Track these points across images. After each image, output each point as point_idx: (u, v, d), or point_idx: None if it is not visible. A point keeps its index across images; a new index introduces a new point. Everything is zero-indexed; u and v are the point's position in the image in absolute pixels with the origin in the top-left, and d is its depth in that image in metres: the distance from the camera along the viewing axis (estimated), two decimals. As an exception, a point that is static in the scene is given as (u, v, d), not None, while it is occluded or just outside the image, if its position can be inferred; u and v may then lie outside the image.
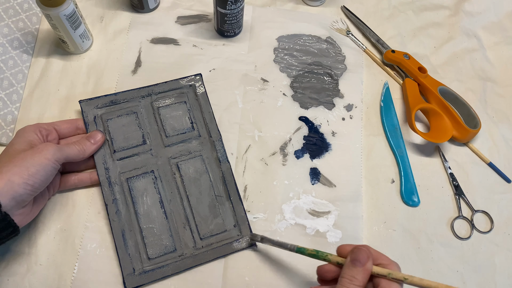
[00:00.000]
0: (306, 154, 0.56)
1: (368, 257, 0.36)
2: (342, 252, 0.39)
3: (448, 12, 0.68)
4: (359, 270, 0.36)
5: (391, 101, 0.60)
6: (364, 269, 0.36)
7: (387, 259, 0.37)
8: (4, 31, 0.58)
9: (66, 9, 0.51)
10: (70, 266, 0.48)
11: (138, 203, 0.50)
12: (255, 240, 0.49)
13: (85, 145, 0.49)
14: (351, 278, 0.36)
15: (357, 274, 0.36)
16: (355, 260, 0.36)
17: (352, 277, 0.36)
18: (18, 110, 0.55)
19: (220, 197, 0.51)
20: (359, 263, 0.36)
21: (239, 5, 0.56)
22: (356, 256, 0.36)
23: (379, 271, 0.36)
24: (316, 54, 0.62)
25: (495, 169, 0.57)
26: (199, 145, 0.54)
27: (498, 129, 0.60)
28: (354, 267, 0.36)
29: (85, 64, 0.58)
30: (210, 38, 0.62)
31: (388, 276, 0.36)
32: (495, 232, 0.53)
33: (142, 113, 0.54)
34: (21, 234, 0.48)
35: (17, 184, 0.40)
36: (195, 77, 0.57)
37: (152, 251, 0.48)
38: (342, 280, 0.36)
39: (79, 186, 0.51)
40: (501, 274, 0.51)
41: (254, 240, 0.49)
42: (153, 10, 0.63)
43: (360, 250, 0.37)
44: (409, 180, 0.55)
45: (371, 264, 0.36)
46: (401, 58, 0.61)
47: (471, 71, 0.63)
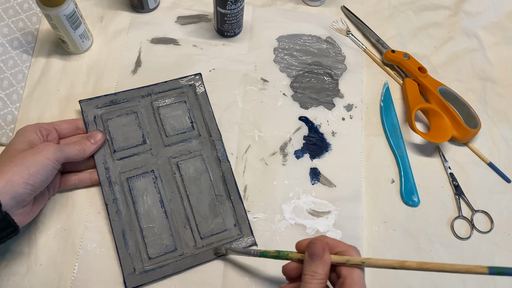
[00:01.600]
0: (306, 154, 0.56)
1: (324, 249, 0.37)
2: (300, 248, 0.39)
3: (448, 12, 0.68)
4: (318, 264, 0.36)
5: (391, 101, 0.60)
6: (323, 261, 0.36)
7: (344, 246, 0.38)
8: (4, 31, 0.58)
9: (66, 9, 0.51)
10: (70, 266, 0.47)
11: (138, 203, 0.50)
12: (220, 253, 0.48)
13: (85, 145, 0.49)
14: (312, 273, 0.36)
15: (317, 268, 0.36)
16: (312, 255, 0.37)
17: (313, 272, 0.36)
18: (18, 110, 0.55)
19: (220, 196, 0.51)
20: (317, 256, 0.36)
21: (239, 5, 0.56)
22: (313, 250, 0.37)
23: (337, 259, 0.37)
24: (316, 54, 0.62)
25: (495, 169, 0.57)
26: (199, 145, 0.54)
27: (498, 129, 0.60)
28: (313, 262, 0.36)
29: (85, 64, 0.59)
30: (210, 38, 0.62)
31: (347, 263, 0.36)
32: (495, 232, 0.53)
33: (142, 113, 0.54)
34: (21, 234, 0.48)
35: (17, 183, 0.40)
36: (195, 77, 0.57)
37: (153, 251, 0.48)
38: (304, 278, 0.37)
39: (79, 186, 0.51)
40: (501, 274, 0.51)
41: (218, 253, 0.48)
42: (153, 10, 0.63)
43: (315, 244, 0.37)
44: (409, 180, 0.55)
45: (328, 255, 0.37)
46: (401, 58, 0.61)
47: (471, 71, 0.63)
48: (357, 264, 0.36)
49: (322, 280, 0.36)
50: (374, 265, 0.35)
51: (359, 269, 0.36)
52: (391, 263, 0.35)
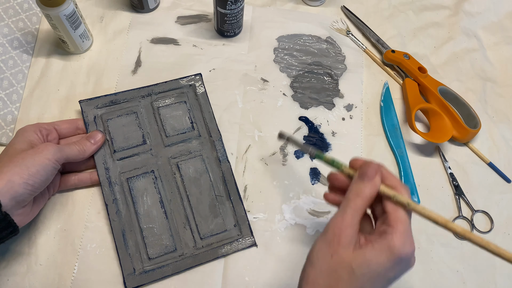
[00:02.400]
0: (306, 154, 0.56)
1: (376, 172, 0.36)
2: (354, 165, 0.39)
3: (448, 12, 0.68)
4: (366, 185, 0.35)
5: (391, 101, 0.60)
6: (372, 184, 0.35)
7: (397, 181, 0.37)
8: (4, 31, 0.58)
9: (66, 9, 0.51)
10: (70, 266, 0.47)
11: (138, 203, 0.50)
12: (283, 138, 0.47)
13: (85, 145, 0.49)
14: (357, 191, 0.36)
15: (364, 188, 0.35)
16: (363, 174, 0.36)
17: (359, 190, 0.35)
18: (18, 110, 0.55)
19: (220, 196, 0.51)
20: (367, 177, 0.36)
21: (239, 5, 0.56)
22: (365, 170, 0.36)
23: (385, 190, 0.36)
24: (316, 54, 0.62)
25: (495, 169, 0.57)
26: (199, 145, 0.54)
27: (498, 129, 0.60)
28: (361, 181, 0.36)
29: (85, 64, 0.58)
30: (210, 38, 0.62)
31: (393, 198, 0.35)
32: (495, 232, 0.53)
33: (142, 113, 0.54)
34: (21, 234, 0.48)
35: (17, 184, 0.40)
36: (195, 77, 0.57)
37: (153, 251, 0.48)
38: (348, 195, 0.36)
39: (79, 186, 0.51)
40: (501, 274, 0.51)
41: (282, 138, 0.47)
42: (153, 10, 0.63)
43: (370, 165, 0.36)
44: (409, 180, 0.55)
45: (379, 180, 0.36)
46: (401, 58, 0.61)
47: (471, 71, 0.63)
48: (401, 203, 0.35)
49: (365, 202, 0.35)
50: (418, 211, 0.35)
51: (405, 213, 0.35)
52: (436, 218, 0.34)
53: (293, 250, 0.50)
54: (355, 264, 0.33)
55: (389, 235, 0.34)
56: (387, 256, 0.33)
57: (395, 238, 0.33)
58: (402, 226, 0.34)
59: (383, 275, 0.34)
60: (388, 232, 0.34)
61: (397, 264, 0.34)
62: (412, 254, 0.35)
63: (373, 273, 0.33)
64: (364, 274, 0.33)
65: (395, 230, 0.34)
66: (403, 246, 0.33)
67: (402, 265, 0.34)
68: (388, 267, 0.33)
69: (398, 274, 0.35)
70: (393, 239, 0.33)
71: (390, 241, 0.33)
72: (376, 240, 0.34)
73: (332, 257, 0.34)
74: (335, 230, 0.35)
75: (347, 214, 0.35)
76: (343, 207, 0.36)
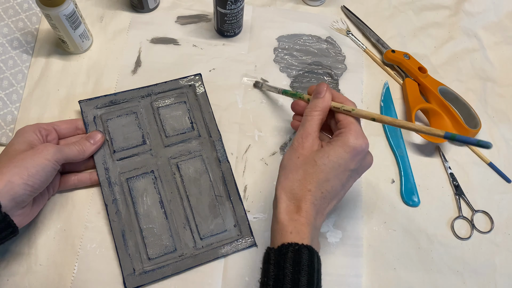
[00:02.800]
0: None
1: (326, 89, 0.43)
2: (311, 91, 0.47)
3: (448, 12, 0.68)
4: (319, 100, 0.43)
5: (391, 101, 0.60)
6: (323, 99, 0.43)
7: (344, 98, 0.44)
8: (4, 31, 0.58)
9: (66, 9, 0.51)
10: (70, 266, 0.47)
11: (138, 203, 0.50)
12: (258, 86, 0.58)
13: (84, 145, 0.49)
14: (313, 106, 0.43)
15: (317, 102, 0.43)
16: (316, 93, 0.44)
17: (314, 105, 0.43)
18: (18, 110, 0.55)
19: (220, 197, 0.51)
20: (319, 94, 0.43)
21: (239, 5, 0.56)
22: (317, 89, 0.44)
23: (334, 104, 0.43)
24: (316, 54, 0.62)
25: (495, 169, 0.57)
26: (199, 145, 0.54)
27: (498, 129, 0.60)
28: (316, 99, 0.43)
29: (85, 64, 0.58)
30: (210, 38, 0.62)
31: (341, 108, 0.43)
32: (495, 232, 0.53)
33: (142, 113, 0.54)
34: (21, 234, 0.48)
35: (17, 184, 0.40)
36: (194, 77, 0.57)
37: (152, 251, 0.48)
38: (305, 112, 0.44)
39: (79, 186, 0.51)
40: (501, 274, 0.51)
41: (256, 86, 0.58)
42: (153, 10, 0.63)
43: (320, 85, 0.44)
44: (409, 180, 0.55)
45: (329, 95, 0.43)
46: (401, 58, 0.61)
47: (471, 71, 0.63)
48: (347, 110, 0.42)
49: (319, 113, 0.43)
50: (359, 114, 0.42)
51: (355, 120, 0.42)
52: (371, 115, 0.41)
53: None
54: (316, 157, 0.40)
55: (343, 134, 0.41)
56: (343, 149, 0.40)
57: (349, 134, 0.40)
58: (353, 126, 0.41)
59: (344, 165, 0.40)
60: (343, 132, 0.41)
61: (354, 156, 0.40)
62: (366, 147, 0.41)
63: (333, 163, 0.39)
64: (325, 164, 0.39)
65: (348, 129, 0.41)
66: (356, 139, 0.40)
67: (359, 157, 0.40)
68: (346, 158, 0.40)
69: (357, 166, 0.41)
70: (347, 135, 0.40)
71: (345, 137, 0.40)
72: (333, 139, 0.41)
73: (299, 158, 0.41)
74: (298, 139, 0.42)
75: (307, 125, 0.42)
76: (302, 123, 0.43)
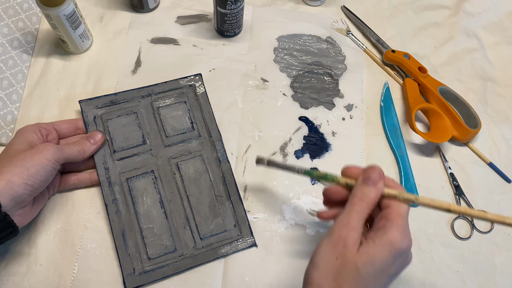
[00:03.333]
0: (306, 154, 0.56)
1: (380, 177, 0.37)
2: (348, 173, 0.39)
3: (448, 12, 0.68)
4: (371, 189, 0.36)
5: (391, 101, 0.60)
6: (376, 188, 0.36)
7: (395, 183, 0.38)
8: (4, 31, 0.58)
9: (66, 9, 0.51)
10: (70, 266, 0.47)
11: (138, 203, 0.50)
12: (261, 163, 0.46)
13: (85, 145, 0.49)
14: (362, 195, 0.36)
15: (369, 192, 0.36)
16: (367, 179, 0.37)
17: (363, 195, 0.36)
18: (18, 110, 0.55)
19: (220, 197, 0.51)
20: (371, 181, 0.36)
21: (239, 5, 0.56)
22: (369, 175, 0.37)
23: (389, 192, 0.37)
24: (316, 54, 0.62)
25: (495, 169, 0.57)
26: (199, 145, 0.54)
27: (498, 129, 0.60)
28: (366, 186, 0.36)
29: (85, 64, 0.58)
30: (210, 38, 0.62)
31: (399, 196, 0.36)
32: (495, 232, 0.53)
33: (142, 113, 0.54)
34: (21, 234, 0.48)
35: (17, 184, 0.40)
36: (195, 77, 0.57)
37: (152, 251, 0.48)
38: (353, 199, 0.36)
39: (79, 186, 0.51)
40: (501, 274, 0.51)
41: (260, 163, 0.46)
42: (153, 10, 0.63)
43: (374, 169, 0.37)
44: (409, 180, 0.55)
45: (382, 184, 0.37)
46: (401, 58, 0.61)
47: (471, 71, 0.63)
48: (409, 199, 0.36)
49: (369, 205, 0.36)
50: (428, 204, 0.36)
51: (406, 206, 0.36)
52: (447, 205, 0.36)
53: (293, 250, 0.50)
54: (360, 263, 0.33)
55: (388, 229, 0.34)
56: (388, 250, 0.34)
57: (395, 231, 0.34)
58: (401, 221, 0.35)
59: (386, 270, 0.34)
60: (387, 226, 0.35)
61: (397, 258, 0.34)
62: (410, 248, 0.35)
63: (376, 270, 0.34)
64: (368, 272, 0.33)
65: (395, 224, 0.35)
66: (403, 239, 0.34)
67: (401, 259, 0.35)
68: (389, 261, 0.34)
69: (398, 269, 0.35)
70: (393, 233, 0.34)
71: (390, 234, 0.34)
72: (377, 235, 0.34)
73: (337, 259, 0.34)
74: (341, 233, 0.35)
75: (353, 217, 0.35)
76: (348, 211, 0.36)
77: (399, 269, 0.36)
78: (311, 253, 0.49)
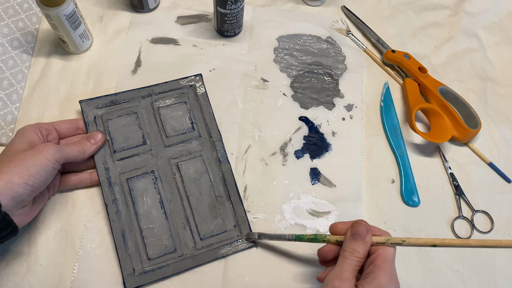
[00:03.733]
0: (306, 154, 0.56)
1: (367, 231, 0.39)
2: (335, 230, 0.42)
3: (448, 12, 0.68)
4: (360, 243, 0.38)
5: (391, 101, 0.60)
6: (364, 242, 0.38)
7: (379, 230, 0.40)
8: (4, 31, 0.58)
9: (66, 9, 0.51)
10: (70, 266, 0.47)
11: (138, 203, 0.50)
12: (252, 238, 0.49)
13: (85, 145, 0.49)
14: (352, 251, 0.38)
15: (358, 247, 0.38)
16: (355, 234, 0.38)
17: (353, 250, 0.38)
18: (18, 110, 0.55)
19: (220, 197, 0.51)
20: (359, 236, 0.38)
21: (239, 5, 0.56)
22: (356, 230, 0.39)
23: (378, 240, 0.39)
24: (316, 54, 0.62)
25: (495, 169, 0.57)
26: (199, 145, 0.54)
27: (498, 129, 0.60)
28: (354, 241, 0.38)
29: (85, 64, 0.58)
30: (210, 38, 0.62)
31: (387, 242, 0.38)
32: (495, 232, 0.53)
33: (142, 113, 0.54)
34: (21, 234, 0.48)
35: (17, 184, 0.40)
36: (195, 78, 0.57)
37: (152, 252, 0.48)
38: (343, 253, 0.38)
39: (79, 186, 0.51)
40: (501, 274, 0.51)
41: (251, 238, 0.49)
42: (153, 10, 0.63)
43: (360, 225, 0.39)
44: (409, 180, 0.55)
45: (370, 237, 0.39)
46: (401, 58, 0.61)
47: (471, 71, 0.63)
48: (397, 243, 0.38)
49: (360, 259, 0.38)
50: (414, 244, 0.37)
51: (393, 249, 0.38)
52: (431, 241, 0.37)
53: (293, 251, 0.50)
54: None
55: (376, 275, 0.36)
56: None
57: (383, 276, 0.36)
58: (387, 265, 0.37)
59: None
60: (375, 271, 0.37)
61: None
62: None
63: None
64: None
65: (381, 270, 0.37)
66: (390, 283, 0.36)
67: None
68: None
69: None
70: (380, 278, 0.36)
71: (378, 280, 0.36)
72: (366, 282, 0.36)
73: None
74: (335, 284, 0.37)
75: (345, 269, 0.37)
76: (340, 264, 0.38)
77: None
78: (311, 253, 0.49)
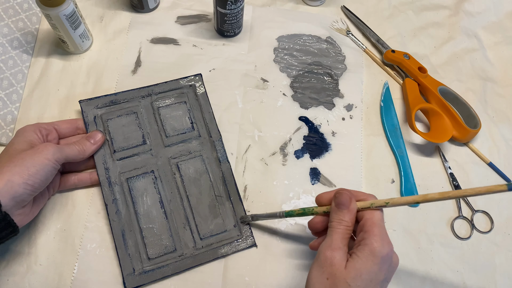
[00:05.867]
0: (306, 154, 0.56)
1: (350, 199, 0.39)
2: (321, 201, 0.42)
3: (448, 12, 0.68)
4: (345, 212, 0.38)
5: (391, 101, 0.60)
6: (349, 210, 0.39)
7: (364, 194, 0.40)
8: (4, 31, 0.58)
9: (66, 9, 0.51)
10: (70, 266, 0.47)
11: (138, 203, 0.50)
12: (247, 220, 0.50)
13: (85, 145, 0.49)
14: (339, 221, 0.38)
15: (344, 216, 0.38)
16: (339, 204, 0.39)
17: (340, 220, 0.38)
18: (18, 110, 0.55)
19: (220, 197, 0.51)
20: (343, 206, 0.39)
21: (239, 5, 0.56)
22: (340, 200, 0.39)
23: (362, 205, 0.39)
24: (316, 54, 0.62)
25: (495, 169, 0.57)
26: (199, 145, 0.54)
27: (498, 129, 0.60)
28: (340, 211, 0.39)
29: (85, 64, 0.58)
30: (210, 38, 0.62)
31: (371, 206, 0.39)
32: (495, 232, 0.53)
33: (142, 113, 0.54)
34: (21, 234, 0.48)
35: (17, 184, 0.40)
36: (195, 77, 0.57)
37: (152, 251, 0.48)
38: (331, 224, 0.39)
39: (79, 186, 0.51)
40: (501, 274, 0.51)
41: (245, 221, 0.50)
42: (153, 10, 0.63)
43: (342, 194, 0.39)
44: (409, 180, 0.55)
45: (354, 204, 0.39)
46: (401, 58, 0.61)
47: (471, 71, 0.63)
48: (382, 206, 0.38)
49: (348, 227, 0.38)
50: (398, 203, 0.38)
51: (379, 212, 0.39)
52: (414, 199, 0.37)
53: (293, 250, 0.50)
54: (349, 278, 0.35)
55: (368, 240, 0.36)
56: (372, 261, 0.36)
57: (374, 241, 0.36)
58: (377, 229, 0.37)
59: (375, 279, 0.36)
60: (366, 237, 0.37)
61: (382, 265, 0.36)
62: (391, 252, 0.37)
63: (366, 281, 0.36)
64: (359, 285, 0.35)
65: (372, 234, 0.37)
66: (382, 246, 0.36)
67: (386, 265, 0.37)
68: (376, 270, 0.36)
69: (387, 275, 0.37)
70: (372, 243, 0.36)
71: (370, 245, 0.36)
72: (358, 249, 0.37)
73: (328, 279, 0.36)
74: (327, 254, 0.37)
75: (335, 239, 0.38)
76: (329, 234, 0.39)
77: (388, 274, 0.37)
78: (311, 253, 0.49)
